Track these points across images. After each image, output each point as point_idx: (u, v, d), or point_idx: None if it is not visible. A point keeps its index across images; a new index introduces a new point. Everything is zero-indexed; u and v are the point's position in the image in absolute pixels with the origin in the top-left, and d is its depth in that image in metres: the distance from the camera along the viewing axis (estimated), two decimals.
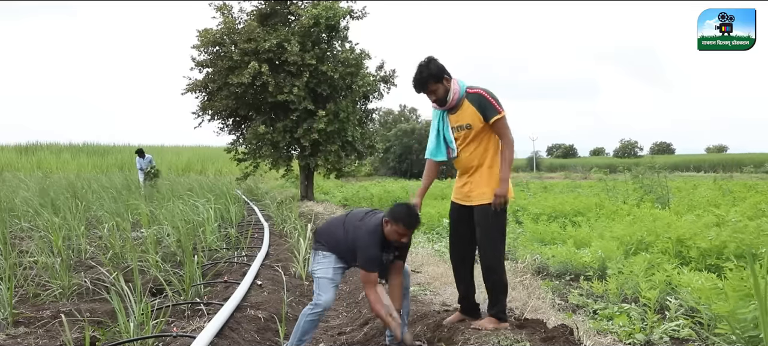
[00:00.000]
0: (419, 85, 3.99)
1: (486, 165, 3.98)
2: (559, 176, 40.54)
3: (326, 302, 3.85)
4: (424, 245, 8.47)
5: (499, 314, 4.00)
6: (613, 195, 12.99)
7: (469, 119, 3.95)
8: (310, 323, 3.88)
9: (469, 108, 3.94)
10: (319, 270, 3.91)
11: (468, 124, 3.96)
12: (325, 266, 3.90)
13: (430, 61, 3.95)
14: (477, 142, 3.98)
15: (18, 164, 32.75)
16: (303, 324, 3.86)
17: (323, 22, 17.48)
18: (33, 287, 5.55)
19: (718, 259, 5.50)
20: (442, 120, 4.08)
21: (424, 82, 3.95)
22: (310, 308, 3.86)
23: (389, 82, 19.47)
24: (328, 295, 3.86)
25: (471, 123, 3.94)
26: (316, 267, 3.94)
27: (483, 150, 3.98)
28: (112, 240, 7.36)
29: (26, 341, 4.21)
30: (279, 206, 14.42)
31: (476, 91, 3.96)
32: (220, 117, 19.35)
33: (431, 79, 3.92)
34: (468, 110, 3.95)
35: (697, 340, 4.03)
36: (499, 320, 3.97)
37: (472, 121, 3.94)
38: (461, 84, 3.99)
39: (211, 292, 5.66)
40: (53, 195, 12.18)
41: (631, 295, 5.05)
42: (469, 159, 4.02)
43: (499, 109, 3.90)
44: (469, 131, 3.97)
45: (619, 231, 6.99)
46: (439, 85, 3.92)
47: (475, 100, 3.93)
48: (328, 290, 3.87)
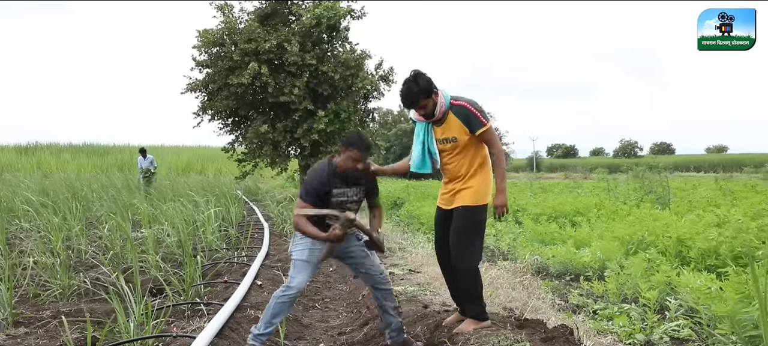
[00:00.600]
0: (409, 102, 3.94)
1: (471, 173, 3.97)
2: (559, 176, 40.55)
3: (299, 284, 3.85)
4: (424, 245, 8.47)
5: (478, 315, 3.96)
6: (614, 195, 12.99)
7: (455, 132, 3.93)
8: (281, 305, 3.84)
9: (455, 121, 3.91)
10: (295, 252, 3.93)
11: (454, 136, 3.94)
12: (301, 247, 3.91)
13: (417, 76, 3.90)
14: (463, 154, 3.96)
15: (18, 165, 32.73)
16: (274, 305, 3.83)
17: (324, 22, 17.49)
18: (33, 287, 5.54)
19: (718, 259, 5.50)
20: (427, 132, 4.05)
21: (415, 98, 3.90)
22: (282, 290, 3.86)
23: (388, 80, 19.47)
24: (302, 277, 3.87)
25: (457, 136, 3.93)
26: (293, 249, 3.96)
27: (469, 161, 3.96)
28: (112, 240, 7.35)
29: (26, 342, 4.21)
30: (279, 206, 14.42)
31: (461, 103, 3.92)
32: (220, 117, 19.35)
33: (422, 95, 3.87)
34: (453, 123, 3.92)
35: (697, 340, 4.03)
36: (479, 320, 3.94)
37: (457, 134, 3.92)
38: (446, 95, 3.95)
39: (211, 292, 5.66)
40: (53, 195, 12.17)
41: (631, 295, 5.05)
42: (455, 169, 4.01)
43: (485, 122, 3.88)
44: (455, 144, 3.95)
45: (619, 231, 6.99)
46: (429, 100, 3.89)
47: (461, 113, 3.90)
48: (303, 272, 3.89)
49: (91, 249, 7.46)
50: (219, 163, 35.89)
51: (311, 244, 3.88)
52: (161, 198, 12.08)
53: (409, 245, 8.27)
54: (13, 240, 7.93)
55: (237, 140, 19.94)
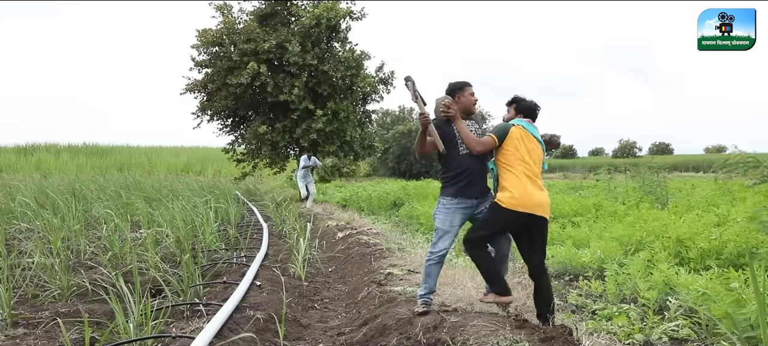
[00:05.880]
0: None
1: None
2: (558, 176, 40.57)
3: (439, 250, 4.44)
4: (424, 245, 8.46)
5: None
6: (613, 196, 12.98)
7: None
8: (430, 266, 4.48)
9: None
10: (437, 219, 4.47)
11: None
12: (442, 215, 4.43)
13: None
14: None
15: (17, 165, 32.73)
16: (425, 268, 4.50)
17: (324, 22, 17.50)
18: (32, 287, 5.54)
19: (719, 259, 5.49)
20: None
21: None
22: (428, 255, 4.52)
23: (388, 83, 19.49)
24: (443, 244, 4.43)
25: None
26: (436, 214, 4.50)
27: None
28: (111, 240, 7.35)
29: (25, 342, 4.20)
30: (278, 206, 14.40)
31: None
32: (219, 117, 19.36)
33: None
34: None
35: (697, 340, 4.02)
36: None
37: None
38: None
39: (211, 292, 5.65)
40: (52, 196, 12.15)
41: (630, 295, 5.05)
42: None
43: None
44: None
45: (618, 232, 6.99)
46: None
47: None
48: (445, 239, 4.44)
49: (90, 249, 7.45)
50: (218, 164, 35.88)
51: (451, 213, 4.36)
52: (160, 199, 12.07)
53: (409, 245, 8.26)
54: (12, 241, 7.92)
55: (236, 141, 19.95)
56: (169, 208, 9.69)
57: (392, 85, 19.57)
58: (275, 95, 17.29)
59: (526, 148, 4.26)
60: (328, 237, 10.21)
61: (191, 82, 18.95)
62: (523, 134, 4.31)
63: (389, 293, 5.46)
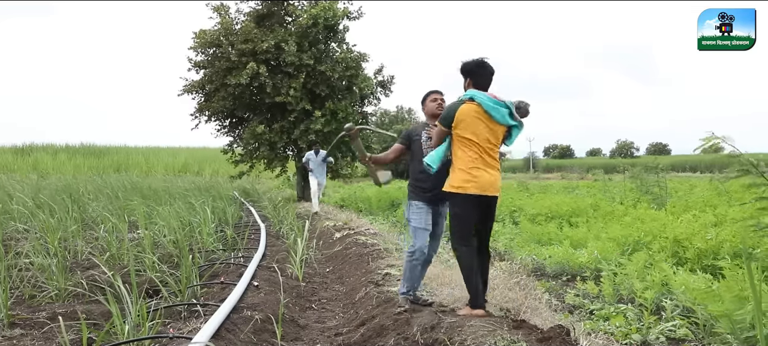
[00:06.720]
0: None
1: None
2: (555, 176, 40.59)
3: (418, 247, 4.69)
4: None
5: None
6: (610, 196, 13.00)
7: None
8: (409, 264, 4.79)
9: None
10: (412, 219, 4.72)
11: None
12: (416, 215, 4.69)
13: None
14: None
15: (14, 165, 32.66)
16: (406, 267, 4.81)
17: (321, 22, 17.48)
18: (29, 288, 5.52)
19: (715, 259, 5.50)
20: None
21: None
22: (408, 256, 4.79)
23: (387, 87, 19.48)
24: (419, 241, 4.68)
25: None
26: (409, 216, 4.78)
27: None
28: (108, 241, 7.33)
29: (22, 343, 4.19)
30: (276, 207, 14.38)
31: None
32: (217, 118, 19.32)
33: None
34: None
35: (694, 340, 4.03)
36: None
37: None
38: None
39: (208, 293, 5.64)
40: (49, 196, 12.13)
41: (627, 295, 5.06)
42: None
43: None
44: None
45: (616, 232, 6.99)
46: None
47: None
48: (420, 237, 4.69)
49: (88, 250, 7.44)
50: (216, 164, 35.85)
51: (424, 213, 4.65)
52: (157, 199, 12.06)
53: (406, 246, 8.26)
54: (9, 241, 7.91)
55: (235, 142, 19.92)
56: (167, 208, 9.68)
57: (390, 90, 19.60)
58: (273, 96, 17.28)
59: (474, 130, 4.10)
60: (325, 237, 10.20)
61: (189, 83, 18.92)
62: (472, 111, 4.11)
63: (387, 294, 5.46)
